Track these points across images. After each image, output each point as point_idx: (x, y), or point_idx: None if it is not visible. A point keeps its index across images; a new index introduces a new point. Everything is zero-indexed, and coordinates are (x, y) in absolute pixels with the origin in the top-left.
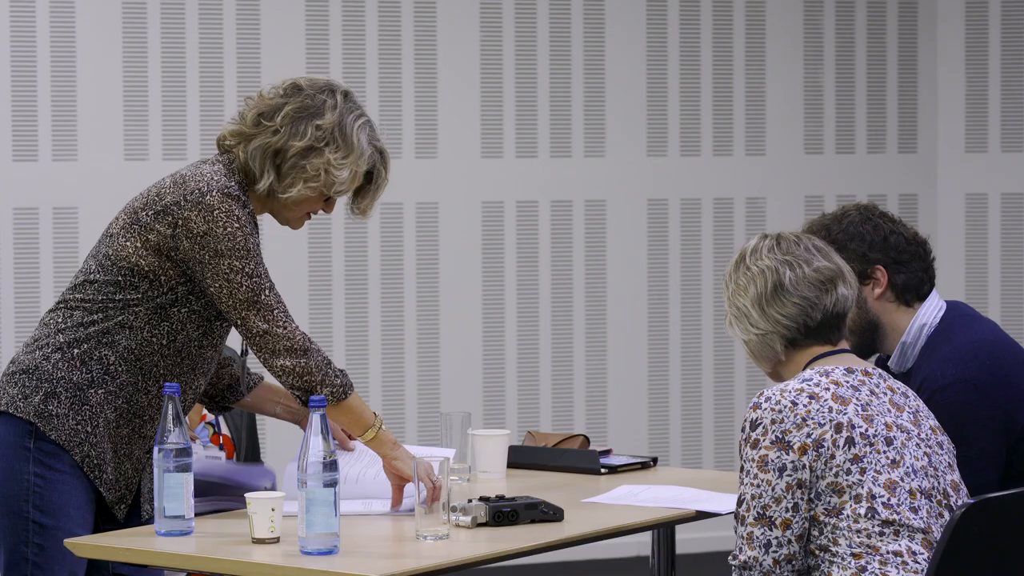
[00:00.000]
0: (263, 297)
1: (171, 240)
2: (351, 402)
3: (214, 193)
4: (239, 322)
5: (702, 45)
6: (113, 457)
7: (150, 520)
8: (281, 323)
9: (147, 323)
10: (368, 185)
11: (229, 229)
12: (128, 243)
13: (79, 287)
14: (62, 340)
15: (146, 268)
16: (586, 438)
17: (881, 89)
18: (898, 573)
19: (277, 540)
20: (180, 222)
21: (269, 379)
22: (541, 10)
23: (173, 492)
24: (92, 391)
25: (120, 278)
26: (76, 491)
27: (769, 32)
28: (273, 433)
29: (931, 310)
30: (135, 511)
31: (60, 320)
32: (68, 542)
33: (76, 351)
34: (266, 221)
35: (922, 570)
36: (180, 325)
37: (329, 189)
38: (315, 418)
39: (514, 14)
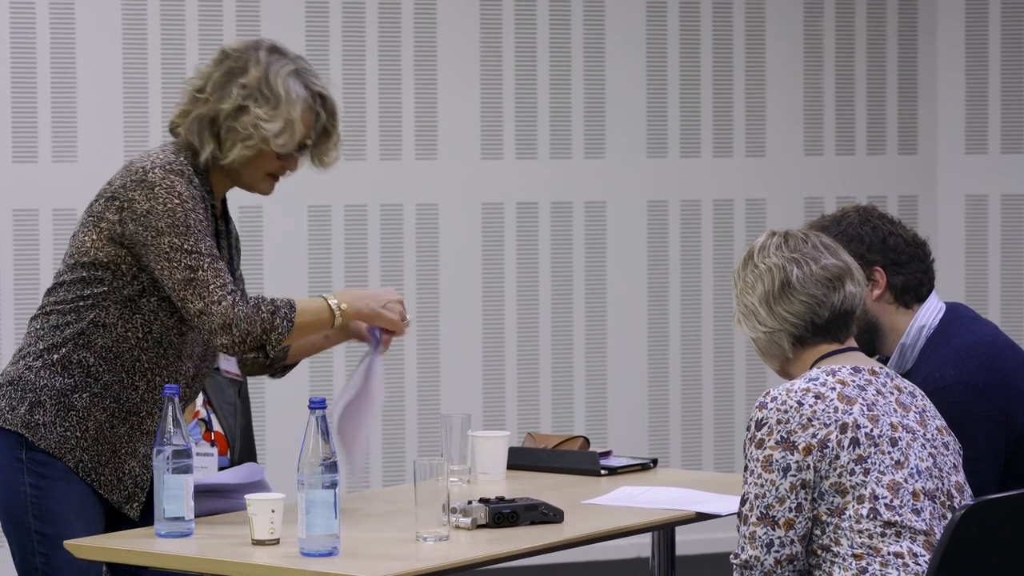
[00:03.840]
0: (200, 273)
1: (119, 225)
2: (302, 321)
3: (156, 170)
4: (179, 303)
5: (702, 46)
6: (113, 457)
7: None
8: (216, 298)
9: (119, 318)
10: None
11: (169, 205)
12: (86, 237)
13: (52, 291)
14: (41, 347)
15: (105, 259)
16: (586, 439)
17: (881, 90)
18: (898, 574)
19: (277, 541)
20: (125, 204)
21: None
22: (541, 12)
23: (173, 494)
24: (76, 396)
25: (85, 274)
26: (76, 497)
27: (769, 33)
28: (273, 432)
29: (930, 312)
30: (152, 508)
31: (39, 327)
32: (68, 543)
33: (55, 356)
34: (267, 222)
35: (922, 572)
36: (153, 315)
37: (268, 144)
38: (313, 420)
39: (514, 16)
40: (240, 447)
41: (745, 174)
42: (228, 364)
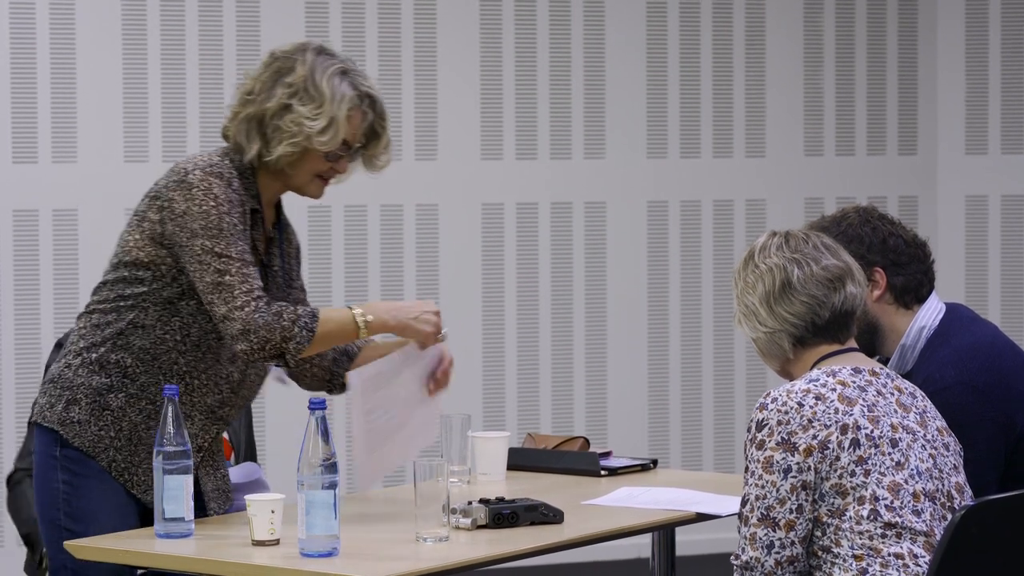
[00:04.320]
0: (227, 278)
1: (159, 225)
2: (324, 332)
3: (196, 172)
4: (208, 306)
5: (702, 47)
6: (147, 459)
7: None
8: (240, 303)
9: (158, 320)
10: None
11: (204, 207)
12: (130, 236)
13: (96, 290)
14: (82, 346)
15: (146, 259)
16: (586, 440)
17: (881, 91)
18: (899, 575)
19: (277, 542)
20: (165, 204)
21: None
22: (541, 12)
23: (172, 494)
24: (112, 396)
25: (126, 273)
26: (109, 496)
27: (769, 34)
28: (273, 433)
29: (930, 312)
30: (199, 511)
31: (82, 326)
32: (68, 544)
33: (94, 355)
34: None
35: (923, 572)
36: (191, 319)
37: (311, 143)
38: (312, 421)
39: (514, 16)
40: (244, 452)
41: (745, 174)
42: (274, 370)
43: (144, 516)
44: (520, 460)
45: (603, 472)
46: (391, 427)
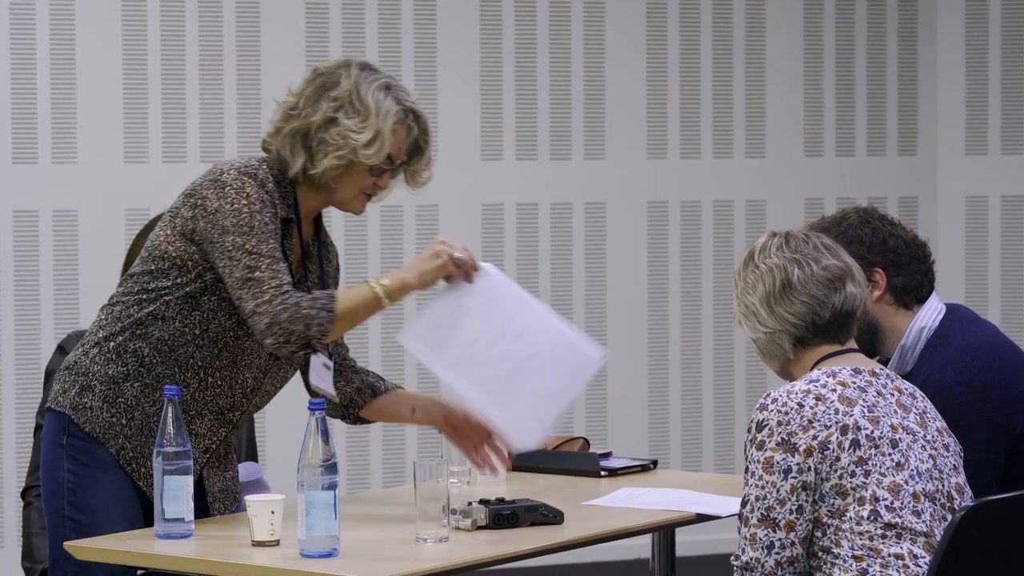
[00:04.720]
0: (257, 273)
1: (191, 222)
2: (344, 309)
3: (231, 172)
4: (237, 302)
5: (702, 47)
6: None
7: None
8: (267, 298)
9: (178, 313)
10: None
11: (236, 205)
12: (162, 232)
13: (123, 282)
14: (101, 335)
15: (174, 254)
16: (586, 441)
17: (881, 91)
18: (899, 575)
19: (277, 543)
20: (198, 202)
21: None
22: (541, 12)
23: (172, 495)
24: (127, 384)
25: (153, 267)
26: (113, 487)
27: (769, 34)
28: (273, 434)
29: (930, 313)
30: (203, 511)
31: (104, 316)
32: (68, 545)
33: (112, 344)
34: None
35: (923, 573)
36: (211, 314)
37: (356, 156)
38: (312, 421)
39: (514, 17)
40: (245, 453)
41: (745, 175)
42: (321, 382)
43: (147, 510)
44: (520, 460)
45: (603, 473)
46: (510, 365)
